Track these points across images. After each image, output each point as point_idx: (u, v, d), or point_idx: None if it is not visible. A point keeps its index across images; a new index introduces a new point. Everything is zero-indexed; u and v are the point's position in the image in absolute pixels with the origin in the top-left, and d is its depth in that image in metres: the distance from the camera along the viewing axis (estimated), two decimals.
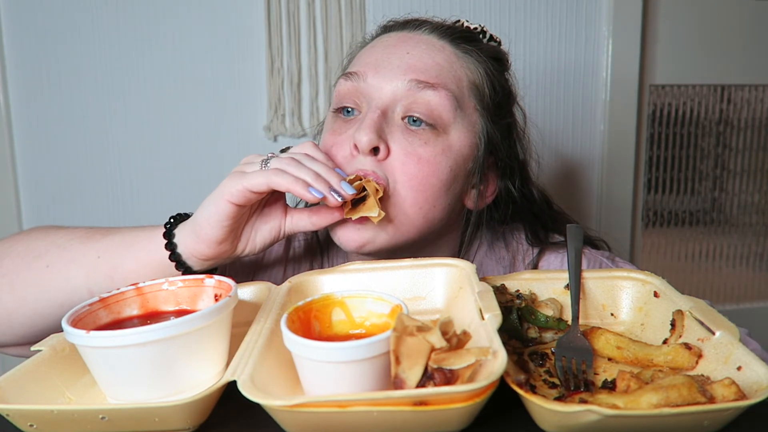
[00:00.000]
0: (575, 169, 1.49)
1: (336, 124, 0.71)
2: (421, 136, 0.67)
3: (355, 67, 0.71)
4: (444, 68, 0.69)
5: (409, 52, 0.69)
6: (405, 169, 0.66)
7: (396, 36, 0.73)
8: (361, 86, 0.69)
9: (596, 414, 0.37)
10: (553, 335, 0.58)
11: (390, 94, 0.67)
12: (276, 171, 0.59)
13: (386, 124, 0.67)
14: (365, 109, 0.69)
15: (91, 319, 0.49)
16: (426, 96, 0.66)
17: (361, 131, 0.65)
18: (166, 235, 0.62)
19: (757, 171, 1.65)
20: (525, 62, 1.38)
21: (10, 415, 0.42)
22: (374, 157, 0.66)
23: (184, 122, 1.32)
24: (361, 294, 0.51)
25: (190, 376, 0.46)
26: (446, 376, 0.40)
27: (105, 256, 0.61)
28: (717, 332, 0.49)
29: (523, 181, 0.80)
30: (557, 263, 0.79)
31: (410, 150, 0.66)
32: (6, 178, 1.30)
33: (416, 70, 0.67)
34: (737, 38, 1.52)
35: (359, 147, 0.65)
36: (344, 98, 0.70)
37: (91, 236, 0.63)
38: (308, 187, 0.59)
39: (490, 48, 0.75)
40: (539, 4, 1.38)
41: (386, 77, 0.68)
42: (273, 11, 1.28)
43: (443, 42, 0.71)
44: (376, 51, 0.71)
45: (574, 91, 1.44)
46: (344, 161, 0.68)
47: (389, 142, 0.66)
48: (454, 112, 0.68)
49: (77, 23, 1.26)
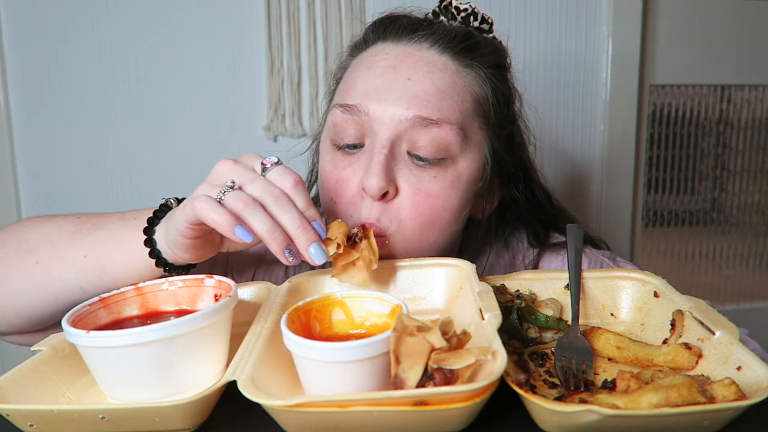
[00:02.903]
0: (575, 169, 1.49)
1: (336, 156, 0.68)
2: (429, 171, 0.65)
3: (353, 96, 0.67)
4: (447, 94, 0.66)
5: (410, 78, 0.65)
6: (415, 207, 0.65)
7: (393, 52, 0.68)
8: (362, 119, 0.66)
9: (596, 414, 0.37)
10: (553, 335, 0.58)
11: (394, 128, 0.64)
12: (239, 216, 0.51)
13: (393, 160, 0.65)
14: (368, 143, 0.66)
15: (91, 319, 0.49)
16: (430, 133, 0.64)
17: (371, 176, 0.63)
18: (147, 235, 0.58)
19: (757, 171, 1.65)
20: (525, 62, 1.38)
21: (10, 415, 0.42)
22: (382, 201, 0.65)
23: (184, 122, 1.32)
24: (361, 294, 0.51)
25: (190, 376, 0.46)
26: (446, 376, 0.40)
27: (91, 256, 0.60)
28: (717, 332, 0.49)
29: (526, 183, 0.80)
30: (557, 264, 0.79)
31: (420, 187, 0.65)
32: (6, 178, 1.30)
33: (419, 103, 0.64)
34: (737, 38, 1.52)
35: (369, 192, 0.63)
36: (343, 133, 0.67)
37: (79, 230, 0.62)
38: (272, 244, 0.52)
39: (491, 56, 0.72)
40: (539, 4, 1.38)
41: (388, 110, 0.64)
42: (273, 11, 1.28)
43: (445, 58, 0.68)
44: (375, 76, 0.67)
45: (574, 91, 1.44)
46: (350, 201, 0.66)
47: (397, 181, 0.65)
48: (461, 144, 0.66)
49: (77, 23, 1.26)
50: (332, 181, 0.68)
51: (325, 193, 0.70)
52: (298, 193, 0.54)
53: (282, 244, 0.52)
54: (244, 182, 0.53)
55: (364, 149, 0.67)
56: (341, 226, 0.57)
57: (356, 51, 0.73)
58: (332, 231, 0.56)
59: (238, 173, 0.54)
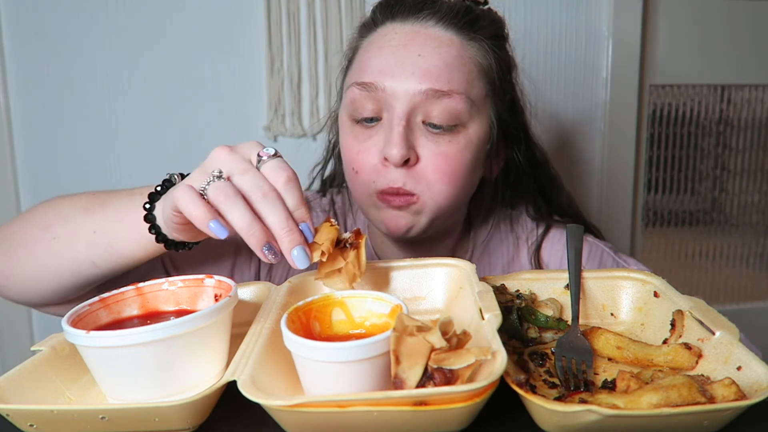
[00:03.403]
0: (575, 169, 1.49)
1: (356, 130, 0.74)
2: (444, 137, 0.72)
3: (369, 75, 0.72)
4: (454, 67, 0.71)
5: (420, 54, 0.71)
6: (436, 169, 0.71)
7: (402, 31, 0.73)
8: (378, 95, 0.71)
9: (596, 414, 0.37)
10: (553, 335, 0.58)
11: (408, 100, 0.70)
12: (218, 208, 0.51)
13: (410, 130, 0.71)
14: (386, 116, 0.72)
15: (91, 319, 0.49)
16: (443, 104, 0.70)
17: (393, 146, 0.69)
18: (147, 210, 0.59)
19: (757, 171, 1.65)
20: (524, 62, 1.38)
21: (10, 415, 0.42)
22: (404, 167, 0.71)
23: (184, 122, 1.32)
24: (361, 294, 0.51)
25: (190, 376, 0.46)
26: (446, 376, 0.40)
27: (100, 232, 0.62)
28: (717, 332, 0.49)
29: (527, 146, 0.86)
30: (561, 236, 0.85)
31: (438, 151, 0.71)
32: (6, 178, 1.30)
33: (430, 77, 0.70)
34: (737, 38, 1.52)
35: (392, 161, 0.70)
36: (362, 108, 0.73)
37: (90, 205, 0.64)
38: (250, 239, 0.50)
39: (491, 27, 0.77)
40: (539, 3, 1.38)
41: (402, 85, 0.70)
42: (273, 11, 1.28)
43: (450, 34, 0.73)
44: (387, 54, 0.72)
45: (574, 90, 1.44)
46: (373, 171, 0.72)
47: (417, 148, 0.71)
48: (470, 111, 0.72)
49: (77, 23, 1.26)
50: (354, 152, 0.74)
51: (347, 164, 0.76)
52: (289, 190, 0.52)
53: (261, 241, 0.50)
54: (233, 172, 0.52)
55: (381, 122, 0.73)
56: (331, 231, 0.55)
57: (365, 31, 0.78)
58: (320, 235, 0.54)
59: (230, 162, 0.53)
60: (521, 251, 0.87)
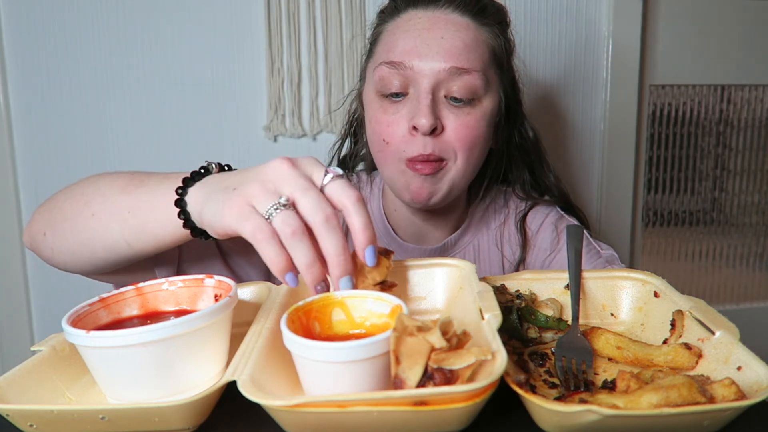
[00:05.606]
0: (575, 169, 1.49)
1: (384, 104, 0.82)
2: (464, 109, 0.81)
3: (397, 55, 0.81)
4: (472, 48, 0.81)
5: (443, 37, 0.80)
6: (459, 137, 0.81)
7: (425, 17, 0.82)
8: (407, 73, 0.80)
9: (596, 414, 0.37)
10: (553, 335, 0.58)
11: (434, 77, 0.79)
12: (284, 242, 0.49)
13: (435, 103, 0.80)
14: (412, 92, 0.81)
15: (91, 319, 0.49)
16: (463, 80, 0.79)
17: (422, 117, 0.77)
18: (179, 196, 0.58)
19: (757, 171, 1.65)
20: (524, 61, 1.38)
21: (10, 415, 0.42)
22: (431, 136, 0.79)
23: (184, 122, 1.32)
24: (361, 294, 0.51)
25: (190, 376, 0.46)
26: (446, 376, 0.40)
27: (133, 212, 0.62)
28: (717, 332, 0.49)
29: (521, 121, 0.96)
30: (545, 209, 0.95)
31: (459, 122, 0.81)
32: (6, 178, 1.30)
33: (453, 56, 0.79)
34: (737, 38, 1.52)
35: (420, 129, 0.78)
36: (390, 84, 0.81)
37: (127, 185, 0.64)
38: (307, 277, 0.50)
39: (497, 14, 0.87)
40: (539, 4, 1.38)
41: (428, 63, 0.79)
42: (273, 11, 1.28)
43: (466, 19, 0.82)
44: (413, 37, 0.81)
45: (574, 90, 1.44)
46: (402, 140, 0.80)
47: (442, 119, 0.80)
48: (485, 86, 0.82)
49: (77, 23, 1.26)
50: (383, 125, 0.82)
51: (376, 136, 0.84)
52: (359, 210, 0.51)
53: (317, 279, 0.50)
54: (295, 192, 0.50)
55: (408, 97, 0.81)
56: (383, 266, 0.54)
57: (388, 17, 0.87)
58: (375, 272, 0.53)
59: (292, 179, 0.51)
60: (509, 219, 0.97)
